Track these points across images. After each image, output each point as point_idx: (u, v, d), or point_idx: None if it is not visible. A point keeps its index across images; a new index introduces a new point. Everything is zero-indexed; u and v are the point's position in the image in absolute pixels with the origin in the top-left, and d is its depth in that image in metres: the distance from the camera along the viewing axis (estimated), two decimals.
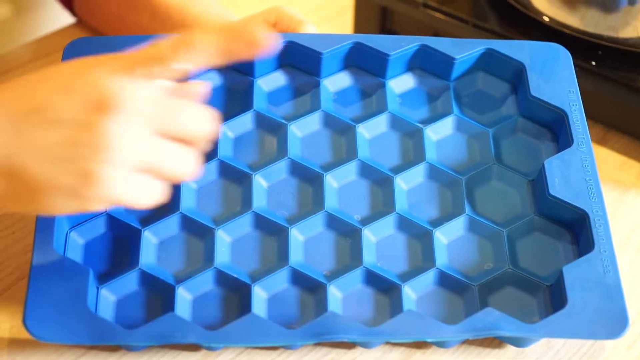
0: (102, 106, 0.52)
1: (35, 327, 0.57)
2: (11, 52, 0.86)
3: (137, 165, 0.53)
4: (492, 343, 0.63)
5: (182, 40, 0.55)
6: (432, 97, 0.72)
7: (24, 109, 0.53)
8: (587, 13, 0.80)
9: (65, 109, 0.52)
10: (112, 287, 0.61)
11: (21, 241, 0.68)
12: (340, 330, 0.59)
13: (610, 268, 0.61)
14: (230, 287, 0.62)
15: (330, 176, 0.67)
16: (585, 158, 0.66)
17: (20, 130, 0.52)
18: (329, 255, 0.64)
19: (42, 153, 0.52)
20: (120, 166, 0.52)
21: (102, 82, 0.53)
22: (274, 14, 0.72)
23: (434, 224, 0.65)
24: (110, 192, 0.53)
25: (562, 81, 0.70)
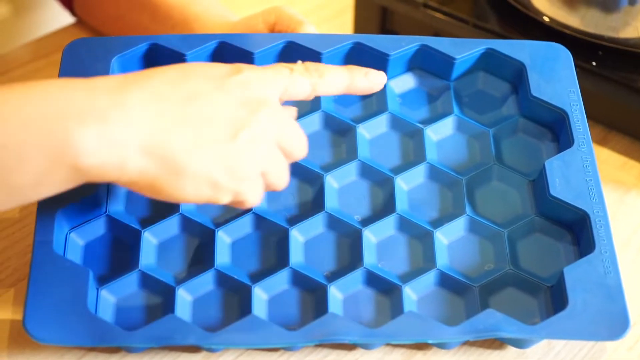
0: (255, 106, 0.57)
1: (35, 329, 0.57)
2: (11, 52, 0.86)
3: (264, 166, 0.58)
4: (493, 344, 0.62)
5: (318, 68, 0.61)
6: (433, 97, 0.72)
7: (179, 97, 0.56)
8: (588, 13, 0.80)
9: (221, 104, 0.56)
10: (112, 288, 0.61)
11: (21, 242, 0.67)
12: (340, 332, 0.58)
13: (611, 269, 0.61)
14: (230, 288, 0.62)
15: (330, 177, 0.67)
16: (586, 158, 0.66)
17: (176, 118, 0.55)
18: (330, 256, 0.64)
19: (195, 142, 0.55)
20: (256, 163, 0.57)
21: (256, 85, 0.58)
22: (273, 14, 0.72)
23: (435, 225, 0.65)
24: (243, 187, 0.57)
25: (562, 81, 0.70)
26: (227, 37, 0.69)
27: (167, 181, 0.56)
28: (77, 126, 0.53)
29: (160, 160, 0.55)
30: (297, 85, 0.60)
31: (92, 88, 0.55)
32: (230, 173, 0.57)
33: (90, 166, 0.54)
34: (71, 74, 0.66)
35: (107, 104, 0.54)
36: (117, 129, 0.54)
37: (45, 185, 0.55)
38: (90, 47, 0.68)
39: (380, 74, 0.64)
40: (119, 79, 0.56)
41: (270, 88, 0.59)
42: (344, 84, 0.62)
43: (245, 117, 0.57)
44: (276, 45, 0.69)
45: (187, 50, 0.68)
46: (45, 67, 0.83)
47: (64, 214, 0.62)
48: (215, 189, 0.57)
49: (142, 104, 0.55)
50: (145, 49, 0.69)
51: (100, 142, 0.53)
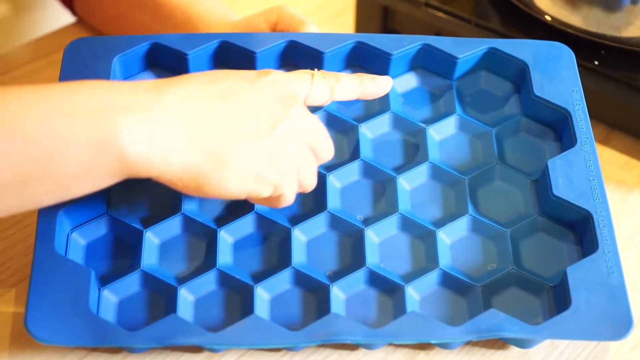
0: (289, 102, 0.59)
1: (36, 329, 0.57)
2: (11, 52, 0.85)
3: (298, 161, 0.59)
4: (496, 344, 0.62)
5: (334, 74, 0.64)
6: (435, 97, 0.72)
7: (216, 94, 0.57)
8: (590, 12, 0.79)
9: (256, 99, 0.58)
10: (113, 288, 0.61)
11: (22, 243, 0.67)
12: (343, 332, 0.58)
13: (614, 269, 0.61)
14: (232, 288, 0.62)
15: (332, 176, 0.66)
16: (589, 158, 0.66)
17: (215, 113, 0.57)
18: (332, 256, 0.64)
19: (236, 135, 0.57)
20: (293, 158, 0.59)
21: (286, 84, 0.60)
22: (275, 14, 0.72)
23: (437, 225, 0.65)
24: (283, 180, 0.59)
25: (565, 80, 0.69)
26: (229, 37, 0.69)
27: (212, 174, 0.57)
28: (123, 117, 0.54)
29: (205, 153, 0.56)
30: (319, 89, 0.62)
31: (133, 87, 0.56)
32: (271, 165, 0.58)
33: (135, 157, 0.54)
34: (72, 73, 0.66)
35: (150, 100, 0.55)
36: (161, 122, 0.55)
37: (90, 178, 0.55)
38: (92, 46, 0.68)
39: (387, 78, 0.66)
40: (156, 81, 0.57)
41: (298, 87, 0.61)
42: (357, 90, 0.65)
43: (281, 112, 0.58)
44: (278, 44, 0.69)
45: (189, 50, 0.68)
46: (46, 67, 0.83)
47: (65, 213, 0.62)
48: (258, 180, 0.58)
49: (182, 101, 0.56)
50: (146, 48, 0.68)
51: (146, 133, 0.54)
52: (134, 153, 0.54)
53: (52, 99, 0.54)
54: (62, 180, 0.55)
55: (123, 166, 0.55)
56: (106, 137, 0.54)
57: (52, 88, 0.55)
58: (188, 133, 0.56)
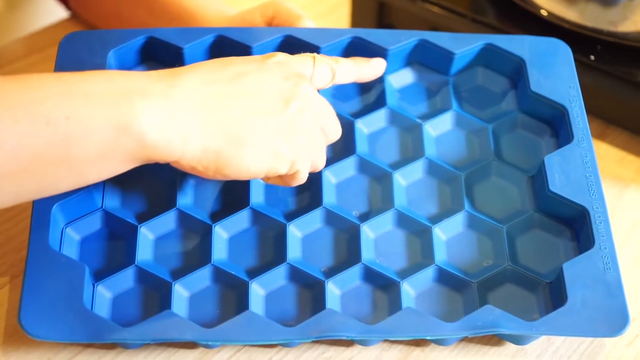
0: (297, 80, 0.60)
1: (30, 325, 0.57)
2: (5, 46, 0.85)
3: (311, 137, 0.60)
4: (492, 340, 0.62)
5: (332, 58, 0.65)
6: (431, 92, 0.72)
7: (227, 77, 0.59)
8: (586, 7, 0.79)
9: (266, 79, 0.59)
10: (108, 284, 0.61)
11: (16, 238, 0.67)
12: (338, 328, 0.58)
13: (611, 265, 0.61)
14: (227, 284, 0.62)
15: (328, 172, 0.66)
16: (586, 154, 0.66)
17: (229, 95, 0.58)
18: (327, 251, 0.64)
19: (251, 114, 0.58)
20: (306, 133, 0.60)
21: (292, 64, 0.61)
22: (271, 8, 0.72)
23: (433, 221, 0.65)
24: (299, 155, 0.60)
25: (562, 76, 0.69)
26: (225, 31, 0.69)
27: (231, 153, 0.57)
28: (141, 101, 0.55)
29: (223, 134, 0.57)
30: (321, 70, 0.63)
31: (147, 75, 0.57)
32: (287, 141, 0.59)
33: (155, 140, 0.55)
34: (67, 67, 0.66)
35: (165, 86, 0.56)
36: (178, 106, 0.56)
37: (108, 161, 0.55)
38: (87, 40, 0.67)
39: (380, 60, 0.68)
40: (169, 70, 0.58)
41: (303, 68, 0.62)
42: (354, 72, 0.66)
43: (291, 88, 0.60)
44: (274, 39, 0.69)
45: (185, 44, 0.68)
46: (40, 62, 0.82)
47: (59, 208, 0.61)
48: (276, 157, 0.59)
49: (195, 86, 0.57)
50: (142, 42, 0.68)
51: (164, 117, 0.55)
52: (153, 136, 0.55)
53: (71, 84, 0.54)
54: (81, 163, 0.55)
55: (142, 150, 0.55)
56: (125, 120, 0.54)
57: (71, 74, 0.55)
58: (204, 116, 0.57)
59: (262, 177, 0.61)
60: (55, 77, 0.55)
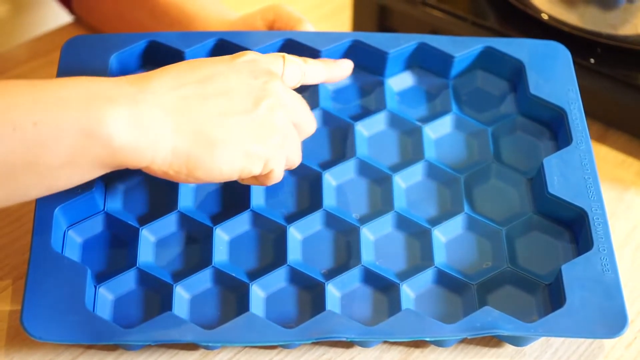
0: (267, 78, 0.60)
1: (32, 327, 0.57)
2: (9, 51, 0.86)
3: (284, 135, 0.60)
4: (491, 342, 0.62)
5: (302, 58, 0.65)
6: (431, 95, 0.72)
7: (197, 79, 0.59)
8: (586, 10, 0.80)
9: (236, 79, 0.59)
10: (109, 286, 0.61)
11: (18, 240, 0.67)
12: (338, 330, 0.58)
13: (609, 267, 0.61)
14: (228, 286, 0.62)
15: (328, 174, 0.66)
16: (584, 157, 0.66)
17: (199, 96, 0.58)
18: (327, 253, 0.64)
19: (222, 115, 0.58)
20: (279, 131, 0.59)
21: (262, 62, 0.61)
22: (272, 12, 0.72)
23: (433, 223, 0.65)
24: (272, 154, 0.59)
25: (561, 79, 0.70)
26: (226, 35, 0.69)
27: (202, 156, 0.57)
28: (109, 106, 0.55)
29: (193, 137, 0.57)
30: (292, 69, 0.63)
31: (117, 80, 0.57)
32: (259, 140, 0.59)
33: (123, 145, 0.55)
34: (69, 70, 0.66)
35: (134, 91, 0.56)
36: (147, 110, 0.56)
37: (77, 167, 0.55)
38: (89, 44, 0.68)
39: (348, 61, 0.69)
40: (139, 74, 0.58)
41: (274, 66, 0.62)
42: (324, 73, 0.67)
43: (261, 86, 0.60)
44: (275, 42, 0.69)
45: (186, 48, 0.68)
46: (44, 66, 0.83)
47: (62, 211, 0.62)
48: (248, 157, 0.59)
49: (165, 89, 0.57)
50: (143, 46, 0.69)
51: (132, 121, 0.55)
52: (121, 141, 0.55)
53: (40, 90, 0.54)
54: (50, 169, 0.55)
55: (111, 155, 0.55)
56: (93, 126, 0.54)
57: (42, 81, 0.55)
58: (174, 120, 0.57)
59: (237, 178, 0.60)
60: (24, 83, 0.55)
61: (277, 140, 0.60)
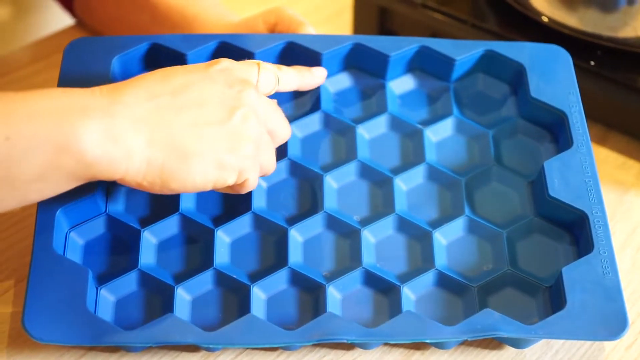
0: (241, 87, 0.60)
1: (34, 329, 0.57)
2: (11, 54, 0.86)
3: (258, 144, 0.60)
4: (491, 344, 0.63)
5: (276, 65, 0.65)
6: (432, 98, 0.72)
7: (170, 90, 0.58)
8: (586, 13, 0.80)
9: (209, 89, 0.59)
10: (111, 287, 0.61)
11: (20, 243, 0.67)
12: (339, 331, 0.59)
13: (610, 269, 0.61)
14: (229, 287, 0.62)
15: (329, 177, 0.67)
16: (585, 159, 0.66)
17: (172, 107, 0.58)
18: (328, 256, 0.64)
19: (195, 126, 0.58)
20: (253, 140, 0.59)
21: (236, 70, 0.61)
22: (274, 15, 0.72)
23: (434, 225, 0.65)
24: (246, 164, 0.59)
25: (562, 83, 0.70)
26: (227, 37, 0.69)
27: (176, 167, 0.57)
28: (81, 119, 0.54)
29: (166, 147, 0.57)
30: (267, 76, 0.63)
31: (90, 91, 0.57)
32: (232, 151, 0.59)
33: (96, 158, 0.55)
34: (72, 73, 0.67)
35: (107, 103, 0.56)
36: (119, 122, 0.56)
37: (50, 181, 0.55)
38: (91, 46, 0.68)
39: (321, 69, 0.69)
40: (112, 85, 0.58)
41: (248, 74, 0.62)
42: (298, 80, 0.67)
43: (236, 95, 0.59)
44: (277, 45, 0.69)
45: (188, 50, 0.68)
46: (46, 69, 0.83)
47: (64, 213, 0.62)
48: (221, 168, 0.58)
49: (138, 100, 0.57)
50: (145, 48, 0.69)
51: (104, 134, 0.55)
52: (94, 154, 0.55)
53: (12, 104, 0.54)
54: (22, 183, 0.55)
55: (84, 168, 0.55)
56: (65, 140, 0.54)
57: (14, 94, 0.55)
58: (148, 131, 0.56)
59: (211, 189, 0.60)
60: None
61: (250, 150, 0.59)
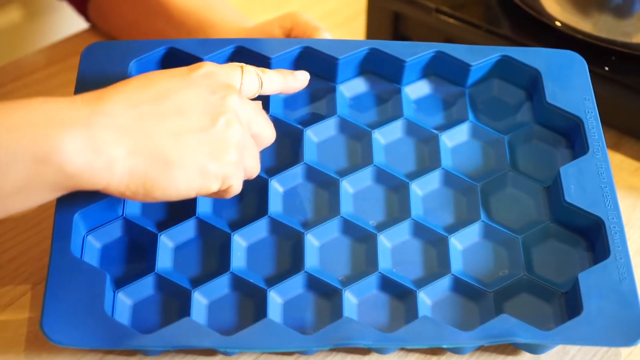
0: (224, 92, 0.59)
1: (52, 332, 0.58)
2: (25, 57, 0.86)
3: (242, 149, 0.59)
4: (507, 349, 0.63)
5: (259, 68, 0.64)
6: (448, 104, 0.72)
7: (151, 97, 0.58)
8: (601, 18, 0.80)
9: (192, 95, 0.59)
10: (128, 291, 0.62)
11: (37, 246, 0.68)
12: (355, 336, 0.59)
13: (626, 275, 0.61)
14: (245, 292, 0.62)
15: (345, 182, 0.67)
16: (601, 165, 0.66)
17: (154, 115, 0.57)
18: (345, 260, 0.64)
19: (178, 134, 0.57)
20: (236, 146, 0.59)
21: (219, 75, 0.60)
22: (290, 20, 0.72)
23: (449, 230, 0.65)
24: (229, 171, 0.59)
25: (577, 88, 0.70)
26: (244, 42, 0.69)
27: (158, 175, 0.57)
28: (61, 131, 0.54)
29: (148, 156, 0.56)
30: (250, 79, 0.63)
31: (70, 102, 0.56)
32: (215, 158, 0.58)
33: (77, 170, 0.55)
34: (89, 76, 0.67)
35: (88, 113, 0.56)
36: (100, 133, 0.55)
37: (32, 193, 0.55)
38: (108, 50, 0.68)
39: (304, 73, 0.67)
40: (94, 93, 0.58)
41: (231, 77, 0.61)
42: (281, 83, 0.66)
43: (219, 102, 0.59)
44: (293, 50, 0.70)
45: (205, 55, 0.68)
46: (60, 73, 0.83)
47: (81, 216, 0.62)
48: (204, 176, 0.58)
49: (120, 110, 0.57)
50: (162, 53, 0.69)
51: (85, 145, 0.54)
52: (75, 166, 0.55)
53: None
54: (3, 195, 0.55)
55: (66, 180, 0.55)
56: (45, 152, 0.54)
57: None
58: (130, 141, 0.56)
59: (195, 196, 0.59)
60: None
61: (234, 157, 0.59)
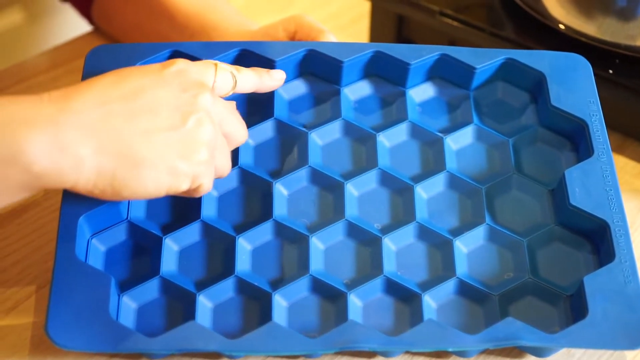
0: (196, 90, 0.59)
1: (57, 335, 0.57)
2: (29, 60, 0.86)
3: (212, 148, 0.59)
4: (512, 352, 0.63)
5: (234, 66, 0.64)
6: (452, 107, 0.72)
7: (122, 95, 0.57)
8: (605, 21, 0.80)
9: (163, 93, 0.58)
10: (133, 294, 0.62)
11: (41, 249, 0.68)
12: (360, 339, 0.59)
13: (631, 278, 0.61)
14: (250, 295, 0.62)
15: (350, 185, 0.67)
16: (606, 168, 0.66)
17: (123, 113, 0.56)
18: (349, 263, 0.64)
19: (147, 132, 0.57)
20: (207, 145, 0.58)
21: (191, 73, 0.60)
22: (294, 23, 0.72)
23: (454, 233, 0.65)
24: (199, 170, 0.58)
25: (582, 91, 0.70)
26: (248, 45, 0.69)
27: (127, 175, 0.57)
28: (26, 131, 0.54)
29: (117, 155, 0.56)
30: (224, 77, 0.62)
31: (37, 100, 0.56)
32: (185, 157, 0.58)
33: (44, 169, 0.54)
34: None
35: (55, 111, 0.55)
36: (67, 132, 0.55)
37: (0, 192, 0.55)
38: (113, 53, 0.68)
39: (280, 72, 0.67)
40: (62, 91, 0.57)
41: (204, 75, 0.61)
42: (256, 81, 0.65)
43: (190, 100, 0.58)
44: (297, 53, 0.69)
45: (209, 58, 0.68)
46: (64, 75, 0.83)
47: (86, 220, 0.62)
48: (173, 175, 0.58)
49: (88, 107, 0.56)
50: (167, 56, 0.69)
51: (51, 145, 0.54)
52: (42, 166, 0.54)
53: None
54: None
55: (33, 180, 0.55)
56: (11, 153, 0.53)
57: None
58: (97, 140, 0.56)
59: (164, 195, 0.59)
60: None
61: (204, 156, 0.59)
